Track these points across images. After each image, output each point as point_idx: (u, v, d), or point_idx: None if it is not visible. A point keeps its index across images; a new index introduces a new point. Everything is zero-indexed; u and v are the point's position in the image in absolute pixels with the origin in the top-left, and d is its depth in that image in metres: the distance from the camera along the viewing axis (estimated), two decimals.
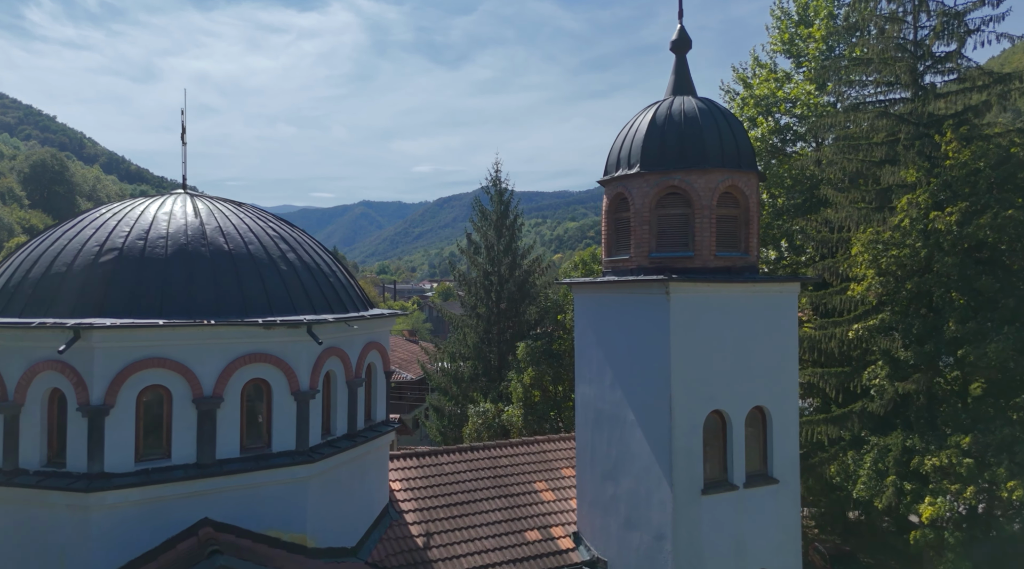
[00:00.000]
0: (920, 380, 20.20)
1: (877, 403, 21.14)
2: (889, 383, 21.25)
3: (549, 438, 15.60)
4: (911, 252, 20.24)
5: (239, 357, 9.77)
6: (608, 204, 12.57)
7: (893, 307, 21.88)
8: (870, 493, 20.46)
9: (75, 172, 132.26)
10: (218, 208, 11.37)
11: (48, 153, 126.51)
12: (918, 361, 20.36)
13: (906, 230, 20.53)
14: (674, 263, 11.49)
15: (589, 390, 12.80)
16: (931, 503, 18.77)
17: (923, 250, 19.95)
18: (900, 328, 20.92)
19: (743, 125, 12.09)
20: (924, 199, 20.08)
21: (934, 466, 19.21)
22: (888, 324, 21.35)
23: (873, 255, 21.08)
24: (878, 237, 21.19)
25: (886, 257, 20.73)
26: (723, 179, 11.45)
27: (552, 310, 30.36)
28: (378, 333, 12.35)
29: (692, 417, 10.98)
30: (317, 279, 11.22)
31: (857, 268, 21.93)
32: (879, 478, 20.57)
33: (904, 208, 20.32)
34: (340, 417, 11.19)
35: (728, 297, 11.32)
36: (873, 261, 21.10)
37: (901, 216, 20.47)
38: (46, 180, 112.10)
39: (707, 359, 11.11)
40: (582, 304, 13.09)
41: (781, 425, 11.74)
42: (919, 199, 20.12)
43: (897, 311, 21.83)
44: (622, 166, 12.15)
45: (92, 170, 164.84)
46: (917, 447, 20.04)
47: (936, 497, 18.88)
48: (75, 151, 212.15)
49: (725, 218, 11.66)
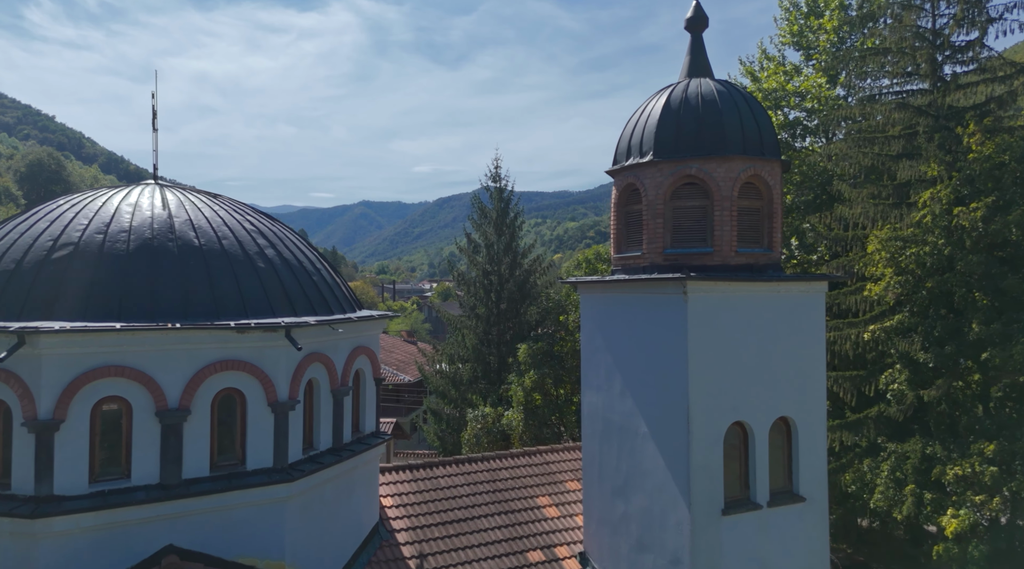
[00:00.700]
0: (942, 385, 19.25)
1: (895, 408, 20.19)
2: (909, 388, 20.30)
3: (552, 448, 14.58)
4: (932, 250, 19.28)
5: (209, 364, 8.75)
6: (618, 196, 11.55)
7: (911, 307, 20.92)
8: (888, 503, 19.51)
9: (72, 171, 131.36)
10: (190, 200, 10.36)
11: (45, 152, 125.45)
12: (938, 364, 19.40)
13: (927, 227, 19.56)
14: (691, 260, 10.47)
15: (597, 398, 11.79)
16: (954, 515, 17.82)
17: (946, 248, 18.97)
18: (920, 329, 19.95)
19: (765, 110, 11.07)
20: (946, 194, 19.10)
21: (956, 475, 18.28)
22: (907, 325, 20.39)
23: (891, 253, 20.11)
24: (897, 234, 20.21)
25: (905, 255, 19.77)
26: (745, 168, 10.44)
27: (554, 311, 29.33)
28: (367, 336, 11.34)
29: (712, 429, 9.96)
30: (299, 278, 10.21)
31: (873, 267, 20.96)
32: (897, 487, 19.64)
33: (926, 203, 19.34)
34: (324, 430, 10.18)
35: (750, 297, 10.30)
36: (891, 259, 20.13)
37: (923, 212, 19.49)
38: (43, 179, 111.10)
39: (728, 365, 10.09)
40: (589, 305, 12.08)
41: (808, 437, 10.72)
42: (941, 194, 19.14)
43: (916, 312, 20.86)
44: (633, 154, 11.13)
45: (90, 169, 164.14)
46: (938, 455, 19.11)
47: (959, 508, 17.95)
48: (74, 151, 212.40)
49: (747, 210, 10.64)
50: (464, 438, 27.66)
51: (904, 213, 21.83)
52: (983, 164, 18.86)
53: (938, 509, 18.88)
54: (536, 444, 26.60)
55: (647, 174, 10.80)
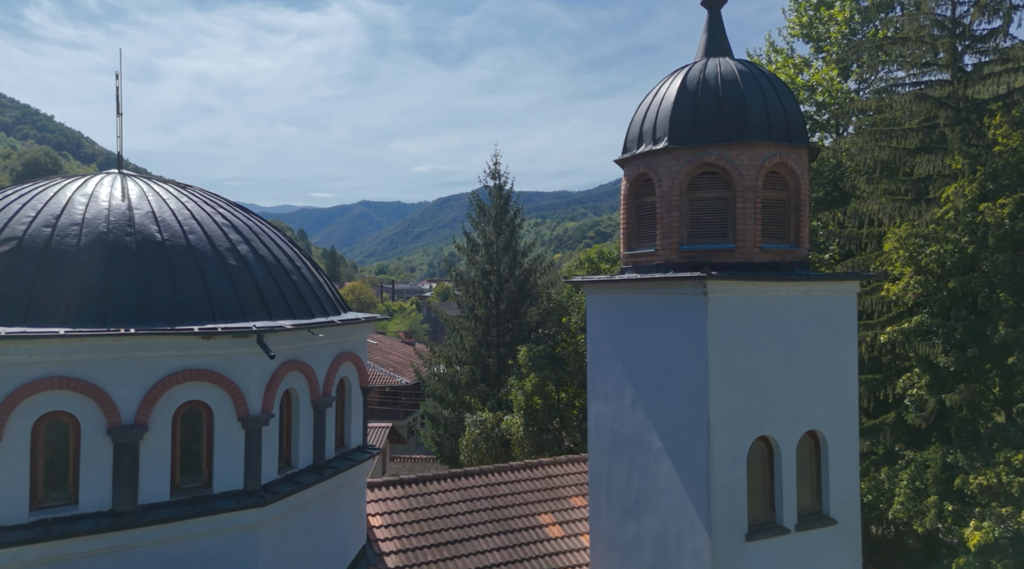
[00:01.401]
0: (964, 390, 18.26)
1: (914, 415, 19.21)
2: (929, 393, 19.32)
3: (555, 460, 13.56)
4: (955, 248, 18.28)
5: (169, 375, 7.73)
6: (628, 187, 10.54)
7: (931, 309, 19.93)
8: (908, 513, 18.53)
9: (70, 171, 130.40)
10: (154, 190, 9.34)
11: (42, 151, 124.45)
12: (960, 368, 18.39)
13: (950, 223, 18.55)
14: (710, 257, 9.46)
15: (605, 409, 10.77)
16: (977, 528, 16.83)
17: (969, 246, 17.97)
18: (941, 332, 18.94)
19: (792, 91, 10.07)
20: (971, 189, 18.10)
21: (981, 485, 17.30)
22: (926, 327, 19.39)
23: (910, 252, 19.10)
24: (917, 231, 19.21)
25: (925, 254, 18.77)
26: (770, 155, 9.43)
27: (555, 311, 28.30)
28: (353, 341, 10.32)
29: (734, 445, 8.95)
30: (275, 277, 9.19)
31: (891, 266, 19.98)
32: (918, 497, 18.66)
33: (949, 199, 18.33)
34: (303, 445, 9.17)
35: (776, 299, 9.29)
36: (910, 258, 19.13)
37: (946, 207, 18.48)
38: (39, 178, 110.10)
39: (752, 374, 9.08)
40: (596, 307, 11.06)
41: (839, 453, 9.71)
42: (966, 189, 18.13)
43: (936, 313, 19.87)
44: (646, 141, 10.12)
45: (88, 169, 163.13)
46: (960, 463, 18.14)
47: (982, 520, 16.98)
48: (72, 150, 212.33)
49: (772, 202, 9.63)
50: (462, 444, 26.67)
51: (923, 209, 20.83)
52: (1009, 157, 17.87)
53: (959, 521, 17.95)
54: (537, 450, 25.62)
55: (661, 162, 9.78)
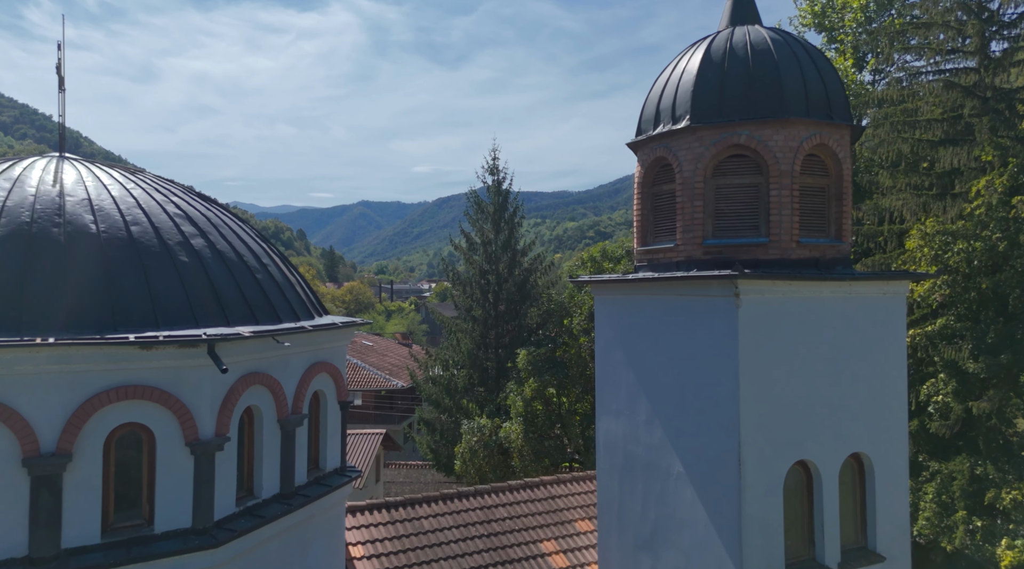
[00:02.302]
0: (994, 397, 17.03)
1: (939, 423, 17.98)
2: (955, 400, 18.08)
3: (559, 479, 12.28)
4: (985, 245, 17.03)
5: (100, 393, 6.45)
6: (643, 174, 9.27)
7: (957, 310, 18.68)
8: (935, 530, 17.28)
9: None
10: (94, 175, 8.05)
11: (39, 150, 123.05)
12: (990, 374, 17.16)
13: (981, 219, 17.30)
14: (739, 253, 8.20)
15: (616, 426, 9.50)
16: (1010, 546, 15.64)
17: (1001, 243, 16.73)
18: (969, 335, 17.69)
19: (831, 63, 8.82)
20: (1001, 182, 16.86)
21: (1015, 500, 16.10)
22: (952, 330, 18.15)
23: (936, 249, 17.85)
24: (944, 228, 17.95)
25: (952, 251, 17.51)
26: (808, 135, 8.16)
27: (556, 313, 26.99)
28: (329, 349, 9.04)
29: (769, 472, 7.69)
30: (237, 275, 7.91)
31: (914, 265, 18.74)
32: (945, 512, 17.43)
33: (980, 192, 17.09)
34: (268, 472, 7.88)
35: (815, 301, 8.03)
36: (936, 257, 17.87)
37: (976, 202, 17.23)
38: None
39: (789, 388, 7.82)
40: (606, 310, 9.80)
41: (887, 479, 8.44)
42: (996, 183, 16.89)
43: (963, 315, 18.62)
44: (664, 121, 8.85)
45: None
46: (990, 476, 16.92)
47: (1015, 538, 15.81)
48: (71, 150, 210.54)
49: (811, 190, 8.36)
50: (458, 452, 25.37)
51: (948, 204, 19.57)
52: None
53: (988, 538, 16.74)
54: (537, 458, 24.35)
55: (682, 144, 8.51)
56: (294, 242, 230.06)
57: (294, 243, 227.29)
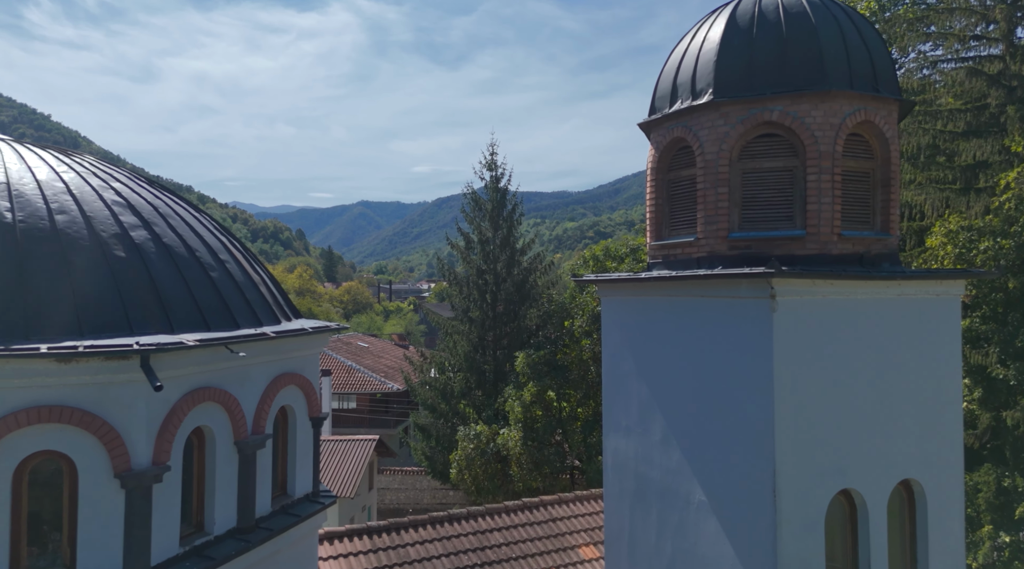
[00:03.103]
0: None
1: (966, 432, 16.90)
2: (982, 408, 17.00)
3: (560, 499, 11.14)
4: (1016, 243, 15.94)
5: (7, 415, 5.32)
6: (657, 158, 8.13)
7: (983, 312, 17.60)
8: None
9: None
10: (19, 157, 6.91)
11: None
12: (1021, 380, 16.07)
13: (1010, 215, 16.20)
14: (771, 247, 7.07)
15: (627, 445, 8.37)
16: None
17: None
18: (996, 339, 16.60)
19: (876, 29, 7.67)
20: None
21: None
22: (976, 334, 17.06)
23: (960, 247, 16.76)
24: (970, 224, 16.85)
25: (978, 249, 16.42)
26: (852, 110, 7.03)
27: (557, 314, 25.86)
28: (298, 359, 7.90)
29: (809, 503, 6.56)
30: (186, 273, 6.78)
31: (936, 263, 17.65)
32: (970, 527, 16.36)
33: (1012, 185, 15.97)
34: (222, 503, 6.74)
35: (859, 303, 6.90)
36: (960, 255, 16.78)
37: (1005, 196, 16.12)
38: None
39: (831, 405, 6.69)
40: (614, 313, 8.66)
41: (941, 508, 7.30)
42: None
43: (988, 317, 17.54)
44: (682, 96, 7.71)
45: None
46: (1020, 489, 15.86)
47: None
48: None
49: (853, 174, 7.22)
50: (453, 460, 24.24)
51: (972, 199, 18.46)
52: None
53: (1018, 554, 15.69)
54: (536, 467, 23.23)
55: (704, 122, 7.38)
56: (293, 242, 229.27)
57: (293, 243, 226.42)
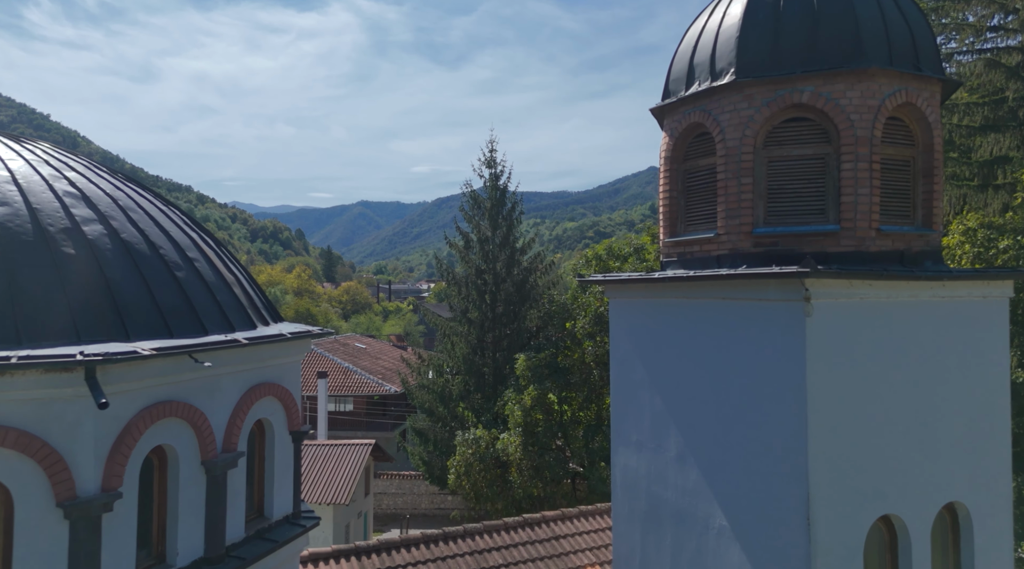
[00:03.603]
0: None
1: None
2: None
3: (564, 514, 10.41)
4: None
5: None
6: (672, 147, 7.40)
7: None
8: None
9: None
10: None
11: None
12: None
13: None
14: (800, 243, 6.35)
15: (638, 462, 7.64)
16: None
17: None
18: (1015, 342, 15.90)
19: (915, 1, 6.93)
20: None
21: None
22: None
23: (979, 247, 16.05)
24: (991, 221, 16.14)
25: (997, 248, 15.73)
26: (892, 91, 6.30)
27: (558, 315, 25.13)
28: (276, 367, 7.17)
29: (847, 531, 5.83)
30: (147, 273, 6.04)
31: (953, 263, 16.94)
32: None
33: None
34: (188, 530, 6.01)
35: (899, 305, 6.18)
36: (979, 255, 16.07)
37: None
38: None
39: (870, 421, 5.98)
40: (624, 317, 7.93)
41: (988, 534, 6.58)
42: None
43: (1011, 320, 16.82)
44: (700, 77, 6.98)
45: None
46: None
47: None
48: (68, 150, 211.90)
49: (893, 164, 6.50)
50: (451, 465, 23.51)
51: (991, 196, 17.73)
52: None
53: None
54: (537, 473, 22.51)
55: (725, 106, 6.65)
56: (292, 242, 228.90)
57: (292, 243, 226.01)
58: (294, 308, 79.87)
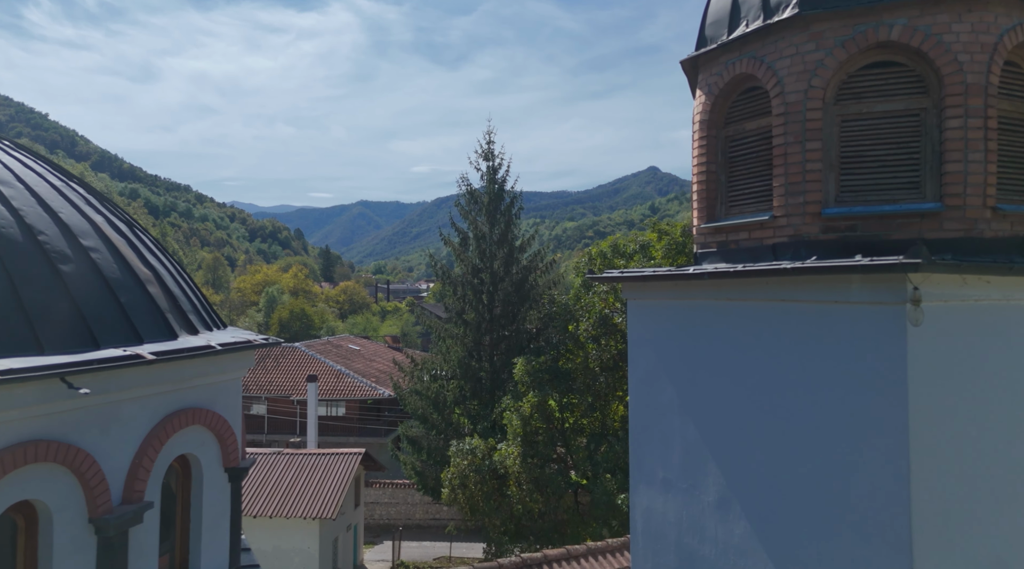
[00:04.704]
0: None
1: None
2: None
3: (569, 554, 8.84)
4: None
5: None
6: (710, 108, 5.84)
7: None
8: None
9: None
10: None
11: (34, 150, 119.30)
12: None
13: None
14: (888, 227, 4.80)
15: (665, 505, 6.08)
16: None
17: None
18: None
19: None
20: None
21: None
22: None
23: None
24: None
25: None
26: (1012, 24, 4.76)
27: (559, 317, 23.55)
28: (206, 388, 5.62)
29: None
30: (11, 267, 4.49)
31: None
32: None
33: None
34: None
35: (1015, 308, 4.64)
36: None
37: None
38: None
39: (987, 466, 4.44)
40: (647, 323, 6.37)
41: None
42: None
43: None
44: (748, 16, 5.43)
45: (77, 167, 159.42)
46: None
47: None
48: (67, 149, 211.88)
49: (1011, 123, 4.96)
50: (445, 478, 21.94)
51: None
52: None
53: None
54: (537, 487, 20.98)
55: (784, 49, 5.09)
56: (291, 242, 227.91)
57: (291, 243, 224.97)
58: (289, 308, 78.36)
